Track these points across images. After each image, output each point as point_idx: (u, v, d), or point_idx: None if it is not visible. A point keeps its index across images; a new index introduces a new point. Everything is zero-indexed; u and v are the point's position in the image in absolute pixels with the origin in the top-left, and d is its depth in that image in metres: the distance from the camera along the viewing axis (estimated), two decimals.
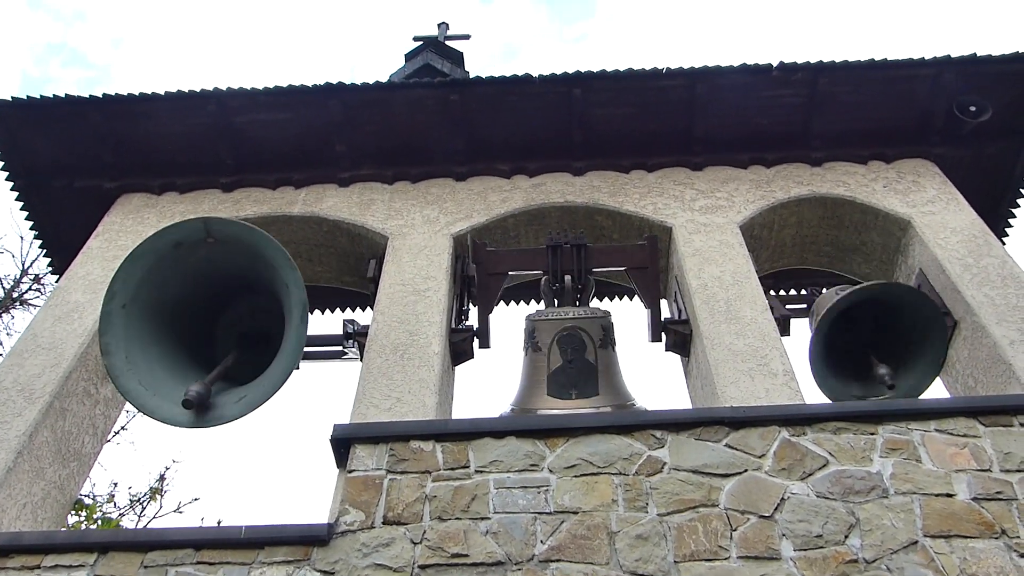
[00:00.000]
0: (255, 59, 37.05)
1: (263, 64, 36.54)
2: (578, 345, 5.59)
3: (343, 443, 4.48)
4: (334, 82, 6.90)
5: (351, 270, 7.00)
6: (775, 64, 6.79)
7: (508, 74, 6.99)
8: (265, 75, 39.53)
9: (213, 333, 5.44)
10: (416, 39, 10.32)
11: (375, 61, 38.18)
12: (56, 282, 7.07)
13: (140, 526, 11.69)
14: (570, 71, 6.82)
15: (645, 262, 5.97)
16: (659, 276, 6.01)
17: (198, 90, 6.92)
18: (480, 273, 6.00)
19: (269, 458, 26.64)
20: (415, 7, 33.85)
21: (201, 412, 4.71)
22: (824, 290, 6.36)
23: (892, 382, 5.57)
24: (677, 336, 5.75)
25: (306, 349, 5.41)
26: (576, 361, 5.53)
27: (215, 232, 4.96)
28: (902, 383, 5.75)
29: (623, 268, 6.04)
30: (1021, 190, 7.23)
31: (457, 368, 5.80)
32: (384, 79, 8.45)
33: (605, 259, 6.08)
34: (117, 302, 4.85)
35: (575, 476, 4.20)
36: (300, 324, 4.77)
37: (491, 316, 5.90)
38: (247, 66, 36.82)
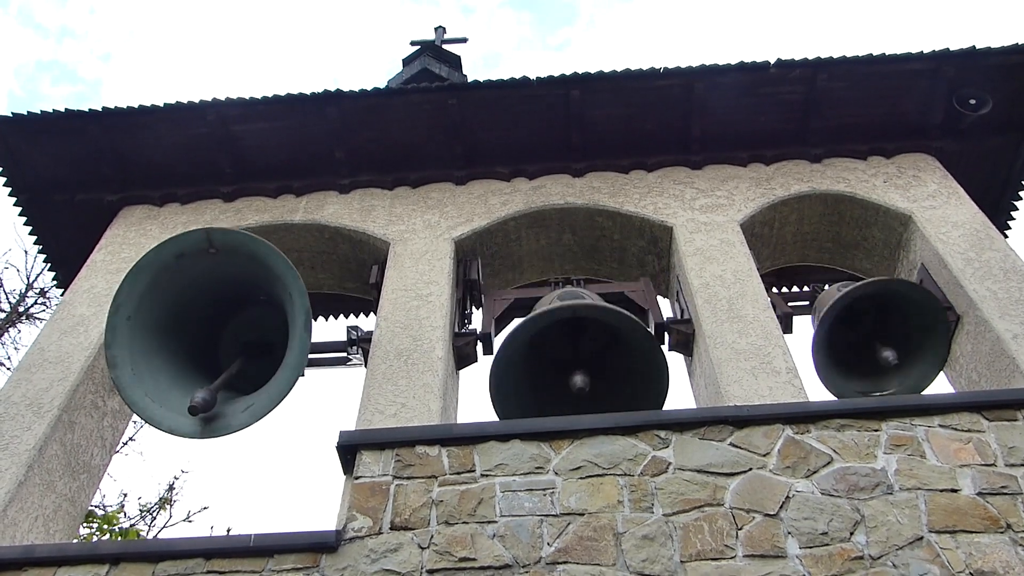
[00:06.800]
0: (248, 69, 37.04)
1: (256, 74, 36.52)
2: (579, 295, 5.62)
3: (349, 450, 4.50)
4: (331, 89, 6.92)
5: (353, 276, 7.02)
6: (772, 61, 6.79)
7: (506, 77, 7.01)
8: (258, 85, 39.55)
9: (218, 344, 5.48)
10: (413, 43, 10.34)
11: (371, 68, 38.18)
12: (61, 296, 7.11)
13: (150, 536, 11.73)
14: (567, 72, 6.84)
15: (642, 299, 6.03)
16: (655, 297, 6.08)
17: (196, 101, 6.94)
18: (486, 301, 6.12)
19: (277, 466, 26.71)
20: (398, 19, 33.92)
21: (207, 421, 4.74)
22: (827, 287, 6.38)
23: (896, 361, 5.58)
24: (680, 336, 5.75)
25: (311, 356, 5.44)
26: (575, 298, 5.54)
27: (217, 243, 4.98)
28: (905, 380, 5.76)
29: (620, 291, 6.08)
30: (1023, 183, 7.22)
31: (461, 372, 5.82)
32: (381, 85, 8.47)
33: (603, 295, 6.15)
34: (122, 315, 4.88)
35: (580, 478, 4.21)
36: (304, 332, 4.79)
37: (495, 337, 5.91)
38: (240, 77, 36.82)
